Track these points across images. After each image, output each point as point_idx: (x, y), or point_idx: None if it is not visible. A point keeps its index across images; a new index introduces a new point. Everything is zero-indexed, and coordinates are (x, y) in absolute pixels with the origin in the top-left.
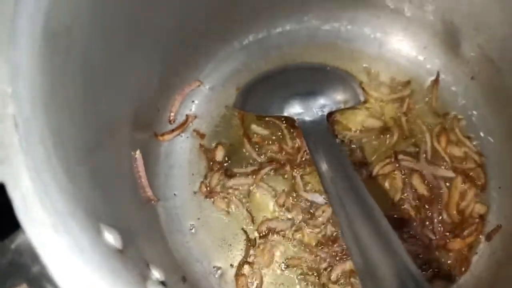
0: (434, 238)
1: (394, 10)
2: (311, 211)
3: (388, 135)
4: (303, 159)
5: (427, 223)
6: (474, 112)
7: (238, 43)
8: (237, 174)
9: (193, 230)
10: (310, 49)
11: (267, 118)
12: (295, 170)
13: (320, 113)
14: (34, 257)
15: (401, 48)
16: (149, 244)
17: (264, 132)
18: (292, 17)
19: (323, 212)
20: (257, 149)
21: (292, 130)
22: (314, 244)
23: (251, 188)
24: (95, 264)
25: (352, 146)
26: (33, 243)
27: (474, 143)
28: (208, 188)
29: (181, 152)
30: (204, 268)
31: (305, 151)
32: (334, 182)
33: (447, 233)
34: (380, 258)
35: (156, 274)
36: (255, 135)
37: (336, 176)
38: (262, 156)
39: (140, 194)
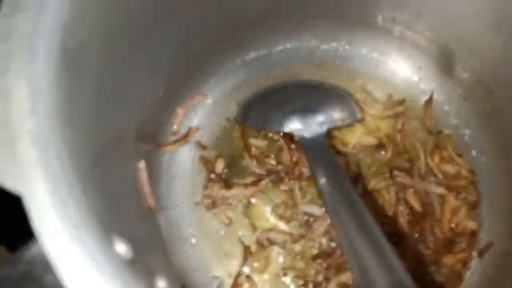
0: (427, 253)
1: (389, 32)
2: (309, 222)
3: (383, 151)
4: (301, 171)
5: (421, 238)
6: (467, 131)
7: (239, 60)
8: (237, 185)
9: (193, 240)
10: (309, 67)
11: (266, 132)
12: (293, 182)
13: (319, 130)
14: (46, 269)
15: (396, 68)
16: (153, 254)
17: (263, 144)
18: (291, 36)
19: (320, 225)
20: (256, 162)
21: (290, 144)
22: (310, 256)
23: (250, 199)
24: (108, 276)
25: (349, 161)
26: (48, 254)
27: (466, 161)
28: (210, 200)
29: (183, 162)
30: (202, 277)
31: (303, 164)
32: (332, 197)
33: (440, 249)
34: (377, 272)
35: (161, 283)
36: (254, 148)
37: (334, 191)
38: (261, 168)
39: (142, 203)
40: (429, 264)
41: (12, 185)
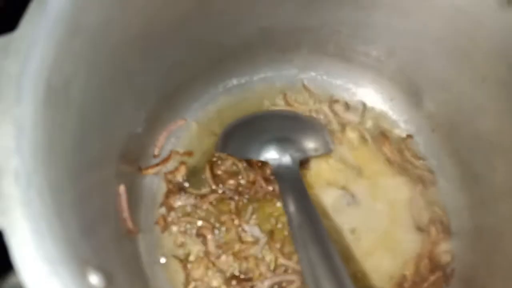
0: None
1: (364, 64)
2: (242, 239)
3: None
4: (256, 191)
5: None
6: (435, 162)
7: (222, 87)
8: (189, 193)
9: (165, 261)
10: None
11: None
12: (244, 201)
13: (293, 160)
14: None
15: (370, 99)
16: (130, 279)
17: (227, 163)
18: (272, 65)
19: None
20: (214, 178)
21: (246, 164)
22: (229, 275)
23: (197, 211)
24: None
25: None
26: (27, 286)
27: (435, 189)
28: (163, 221)
29: (161, 185)
30: None
31: (259, 185)
32: (301, 227)
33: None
34: None
35: None
36: (220, 169)
37: (303, 221)
38: (219, 185)
39: (121, 227)
40: None
41: None
